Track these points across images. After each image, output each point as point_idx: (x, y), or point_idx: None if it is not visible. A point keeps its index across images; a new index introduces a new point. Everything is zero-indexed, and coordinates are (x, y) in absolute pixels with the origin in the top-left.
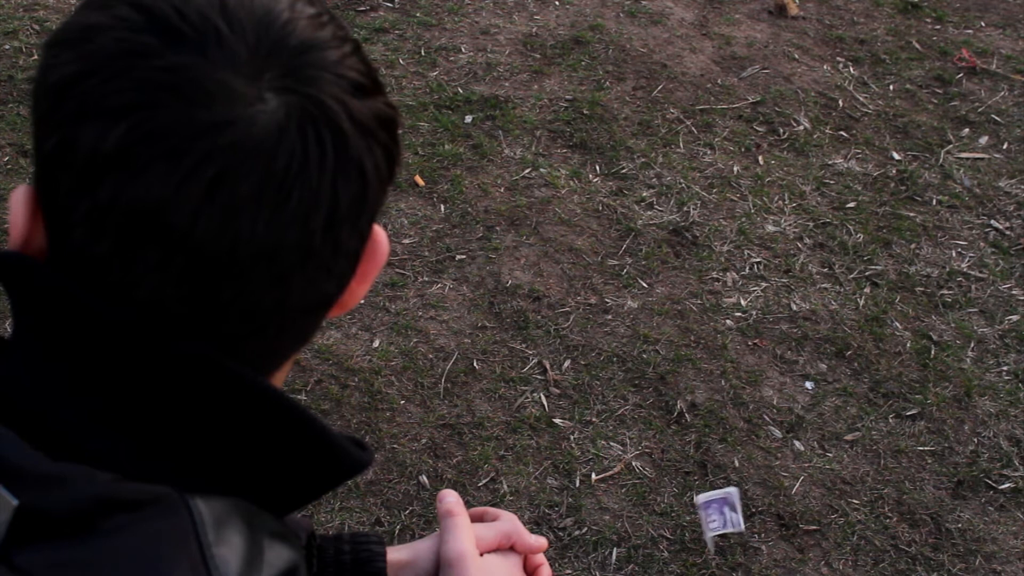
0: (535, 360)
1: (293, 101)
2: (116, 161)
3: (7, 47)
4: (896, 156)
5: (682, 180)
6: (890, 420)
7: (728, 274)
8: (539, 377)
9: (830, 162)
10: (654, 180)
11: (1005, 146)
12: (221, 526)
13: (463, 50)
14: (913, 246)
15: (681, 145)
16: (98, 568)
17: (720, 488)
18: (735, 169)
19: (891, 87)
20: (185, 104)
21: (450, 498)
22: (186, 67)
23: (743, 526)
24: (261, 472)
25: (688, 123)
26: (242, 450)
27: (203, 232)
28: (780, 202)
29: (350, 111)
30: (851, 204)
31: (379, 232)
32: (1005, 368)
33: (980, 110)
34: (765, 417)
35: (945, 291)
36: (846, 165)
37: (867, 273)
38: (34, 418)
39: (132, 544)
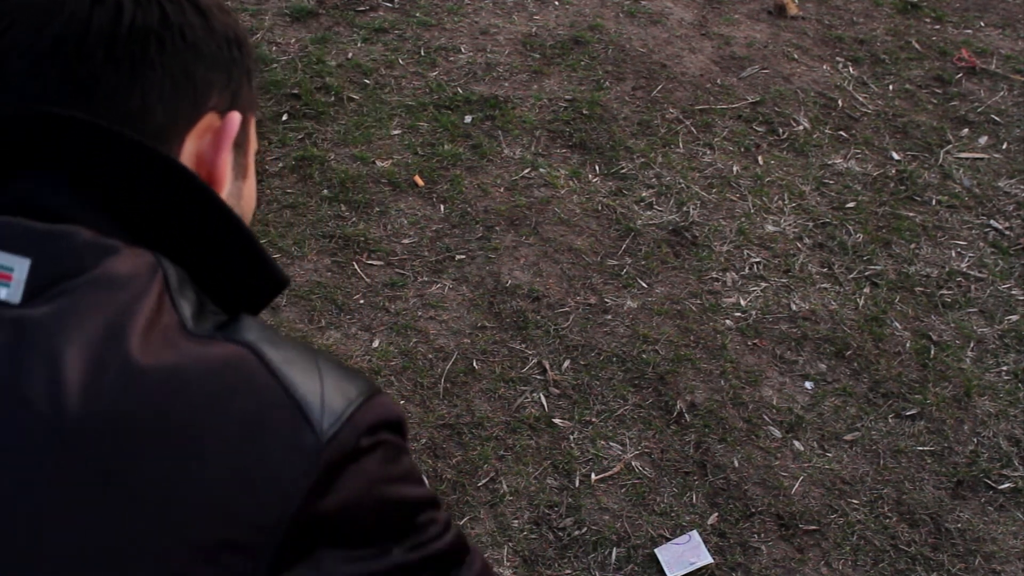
0: (535, 360)
1: None
2: None
3: None
4: (896, 156)
5: (682, 180)
6: (890, 420)
7: (728, 274)
8: (539, 377)
9: (830, 162)
10: (653, 180)
11: (1004, 146)
12: (182, 283)
13: (463, 50)
14: (913, 246)
15: (681, 145)
16: (90, 302)
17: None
18: (735, 169)
19: (891, 87)
20: None
21: None
22: None
23: (710, 558)
24: (206, 267)
25: (688, 123)
26: (191, 241)
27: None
28: (780, 202)
29: None
30: (851, 204)
31: (231, 117)
32: (1005, 368)
33: (980, 110)
34: (765, 417)
35: (945, 291)
36: (846, 165)
37: (867, 273)
38: (38, 209)
39: (115, 275)
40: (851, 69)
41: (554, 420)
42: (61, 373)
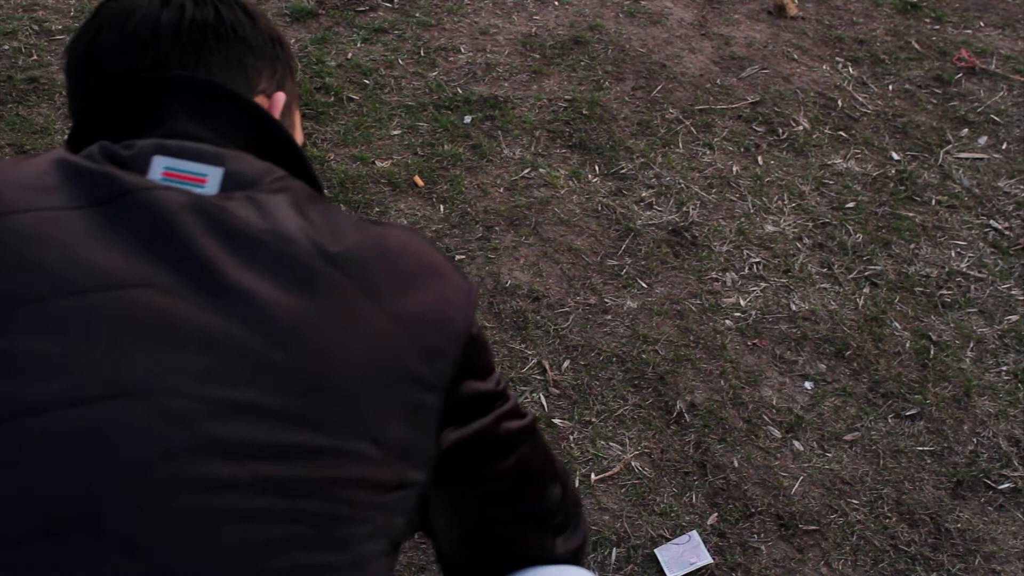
0: (534, 360)
1: None
2: None
3: (6, 47)
4: (895, 156)
5: (681, 180)
6: (889, 420)
7: (727, 274)
8: (538, 377)
9: (829, 162)
10: (653, 180)
11: (1004, 146)
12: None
13: (462, 50)
14: (912, 246)
15: (680, 145)
16: (271, 202)
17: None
18: (734, 169)
19: (890, 87)
20: None
21: None
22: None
23: (710, 558)
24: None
25: (687, 123)
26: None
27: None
28: (779, 202)
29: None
30: (850, 204)
31: (278, 96)
32: (1004, 368)
33: (979, 110)
34: (764, 417)
35: (944, 291)
36: (845, 165)
37: (866, 273)
38: (198, 139)
39: (290, 190)
40: (851, 69)
41: (554, 420)
42: (302, 221)
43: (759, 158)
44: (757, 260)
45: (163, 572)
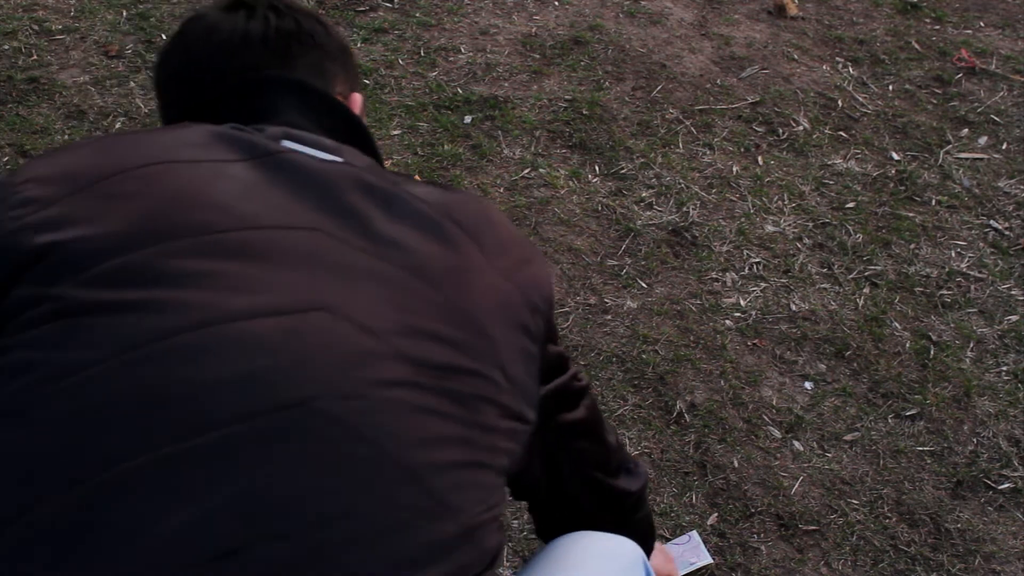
0: None
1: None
2: None
3: (6, 47)
4: (895, 156)
5: (681, 180)
6: (889, 420)
7: (727, 274)
8: None
9: (829, 162)
10: (653, 180)
11: (1004, 146)
12: None
13: (462, 50)
14: (912, 246)
15: (680, 145)
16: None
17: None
18: (734, 169)
19: (890, 87)
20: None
21: None
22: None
23: (710, 558)
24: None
25: (687, 123)
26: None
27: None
28: (779, 202)
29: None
30: (850, 204)
31: (356, 96)
32: (1004, 368)
33: (979, 110)
34: (764, 417)
35: (944, 291)
36: (845, 165)
37: (866, 273)
38: (311, 131)
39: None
40: (851, 69)
41: None
42: (424, 188)
43: (759, 158)
44: (757, 260)
45: (367, 446)
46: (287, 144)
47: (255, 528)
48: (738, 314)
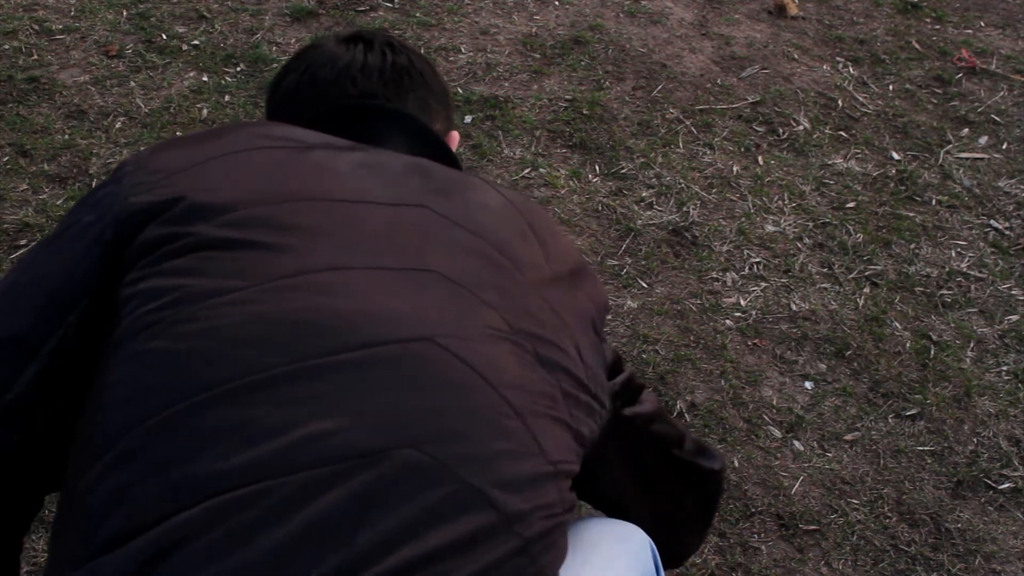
0: None
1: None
2: None
3: (7, 47)
4: (896, 156)
5: (682, 180)
6: (890, 420)
7: (728, 274)
8: None
9: (830, 162)
10: (654, 180)
11: (1005, 146)
12: None
13: (463, 50)
14: (913, 246)
15: (681, 145)
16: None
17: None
18: (735, 169)
19: (891, 87)
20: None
21: None
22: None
23: None
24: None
25: (688, 123)
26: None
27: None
28: (780, 202)
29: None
30: (851, 204)
31: (454, 134)
32: (1005, 368)
33: (980, 110)
34: (765, 417)
35: (945, 291)
36: (846, 165)
37: (867, 273)
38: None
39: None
40: (851, 69)
41: None
42: (492, 191)
43: (759, 158)
44: (757, 260)
45: (480, 379)
46: None
47: (392, 434)
48: (738, 314)
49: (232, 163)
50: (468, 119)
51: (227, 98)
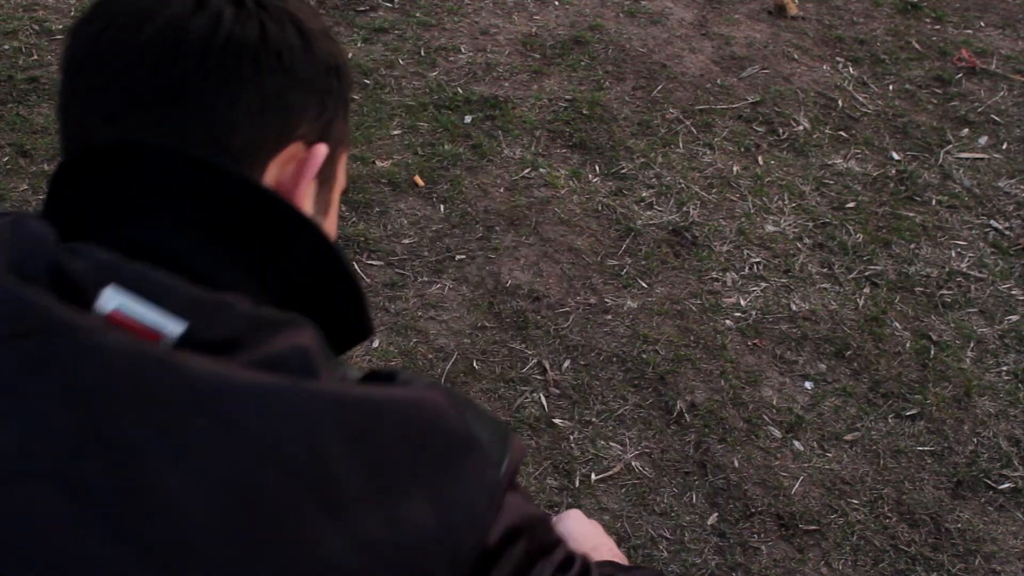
0: (535, 360)
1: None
2: None
3: (7, 47)
4: (896, 156)
5: (682, 180)
6: (890, 420)
7: (728, 274)
8: (539, 377)
9: (830, 162)
10: (654, 180)
11: (1004, 146)
12: (324, 343)
13: (463, 50)
14: (913, 246)
15: (681, 145)
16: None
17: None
18: (735, 169)
19: (891, 87)
20: None
21: None
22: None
23: None
24: (311, 306)
25: (688, 123)
26: (304, 287)
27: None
28: (780, 202)
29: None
30: (851, 204)
31: (319, 147)
32: (1005, 368)
33: (980, 110)
34: (765, 417)
35: (945, 291)
36: (846, 165)
37: (867, 273)
38: (179, 266)
39: (288, 347)
40: (851, 69)
41: (554, 420)
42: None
43: (759, 158)
44: (757, 260)
45: None
46: (109, 296)
47: None
48: (738, 314)
49: None
50: (468, 119)
51: None
